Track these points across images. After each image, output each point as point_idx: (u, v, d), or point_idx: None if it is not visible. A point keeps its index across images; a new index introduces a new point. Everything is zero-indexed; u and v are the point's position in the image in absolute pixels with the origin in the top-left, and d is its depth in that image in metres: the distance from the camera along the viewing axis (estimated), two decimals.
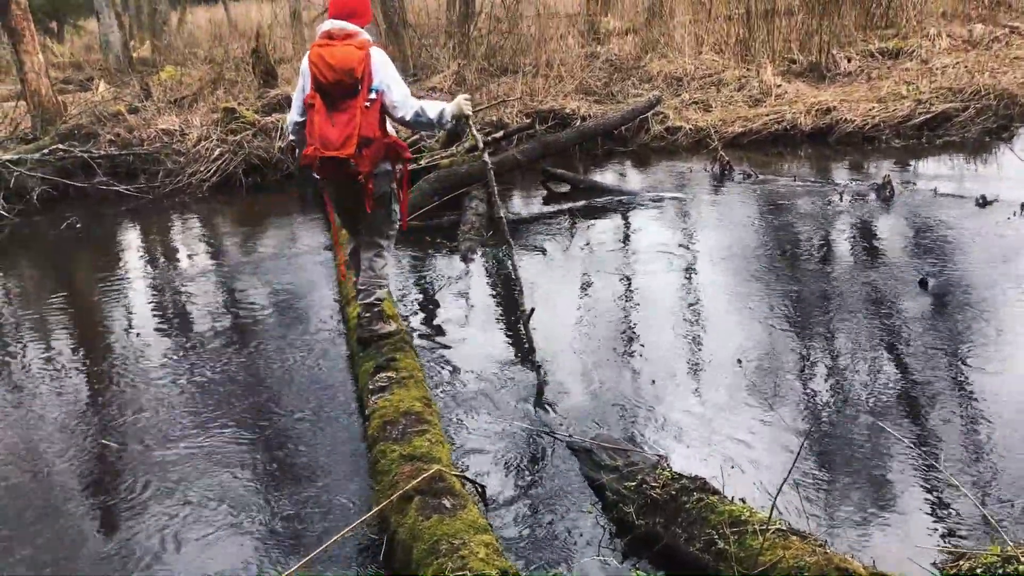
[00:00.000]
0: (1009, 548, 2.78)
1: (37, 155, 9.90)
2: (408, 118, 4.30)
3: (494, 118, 10.27)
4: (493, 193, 5.13)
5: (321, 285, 6.47)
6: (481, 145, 4.94)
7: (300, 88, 4.35)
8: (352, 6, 4.30)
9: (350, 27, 4.24)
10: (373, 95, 4.15)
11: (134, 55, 19.18)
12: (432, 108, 4.33)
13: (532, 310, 4.84)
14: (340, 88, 4.09)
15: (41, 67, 11.46)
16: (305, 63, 4.26)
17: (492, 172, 5.06)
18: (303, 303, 6.17)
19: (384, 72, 4.24)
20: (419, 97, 4.42)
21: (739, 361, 4.74)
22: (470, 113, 4.51)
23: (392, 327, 4.69)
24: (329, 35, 4.23)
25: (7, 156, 9.82)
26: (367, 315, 4.64)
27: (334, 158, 4.07)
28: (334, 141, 4.05)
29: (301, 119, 4.33)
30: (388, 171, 4.41)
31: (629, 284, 6.18)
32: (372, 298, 4.61)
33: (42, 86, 11.42)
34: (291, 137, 4.63)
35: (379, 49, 4.30)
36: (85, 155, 10.06)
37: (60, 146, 10.14)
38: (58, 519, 3.71)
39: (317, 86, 4.12)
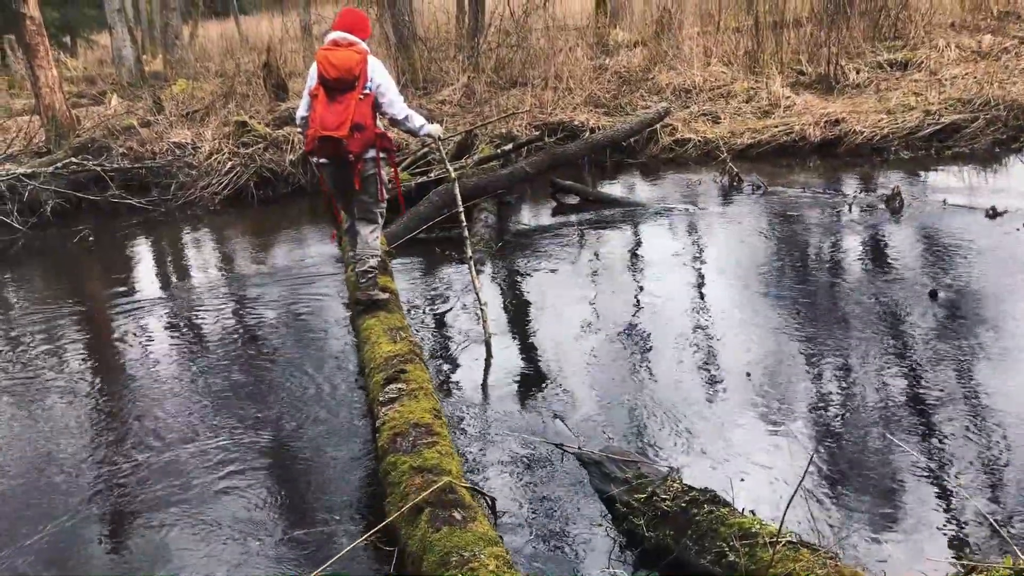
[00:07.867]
0: (1021, 561, 2.77)
1: (51, 169, 9.98)
2: (396, 116, 5.14)
3: (503, 130, 10.31)
4: (460, 212, 5.80)
5: (332, 296, 6.50)
6: (451, 170, 6.00)
7: (308, 87, 5.09)
8: (354, 23, 5.13)
9: (352, 37, 5.06)
10: (367, 91, 4.95)
11: (146, 69, 19.35)
12: (416, 118, 5.27)
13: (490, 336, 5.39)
14: (340, 83, 4.89)
15: (55, 81, 11.57)
16: (314, 66, 5.04)
17: (459, 193, 5.89)
18: (314, 315, 6.20)
19: (381, 76, 5.04)
20: (423, 108, 4.95)
21: (748, 374, 4.74)
22: (442, 137, 5.69)
23: (385, 296, 5.30)
24: (335, 43, 5.04)
25: (21, 170, 9.91)
26: (364, 281, 5.29)
27: (330, 138, 4.85)
28: (331, 124, 4.86)
29: (307, 113, 5.10)
30: (374, 157, 5.13)
31: (638, 296, 6.19)
32: (366, 266, 5.29)
33: (56, 100, 11.53)
34: (298, 129, 5.60)
35: (375, 58, 5.10)
36: (98, 168, 10.14)
37: (73, 160, 10.22)
38: (63, 524, 3.74)
39: (322, 80, 4.92)
